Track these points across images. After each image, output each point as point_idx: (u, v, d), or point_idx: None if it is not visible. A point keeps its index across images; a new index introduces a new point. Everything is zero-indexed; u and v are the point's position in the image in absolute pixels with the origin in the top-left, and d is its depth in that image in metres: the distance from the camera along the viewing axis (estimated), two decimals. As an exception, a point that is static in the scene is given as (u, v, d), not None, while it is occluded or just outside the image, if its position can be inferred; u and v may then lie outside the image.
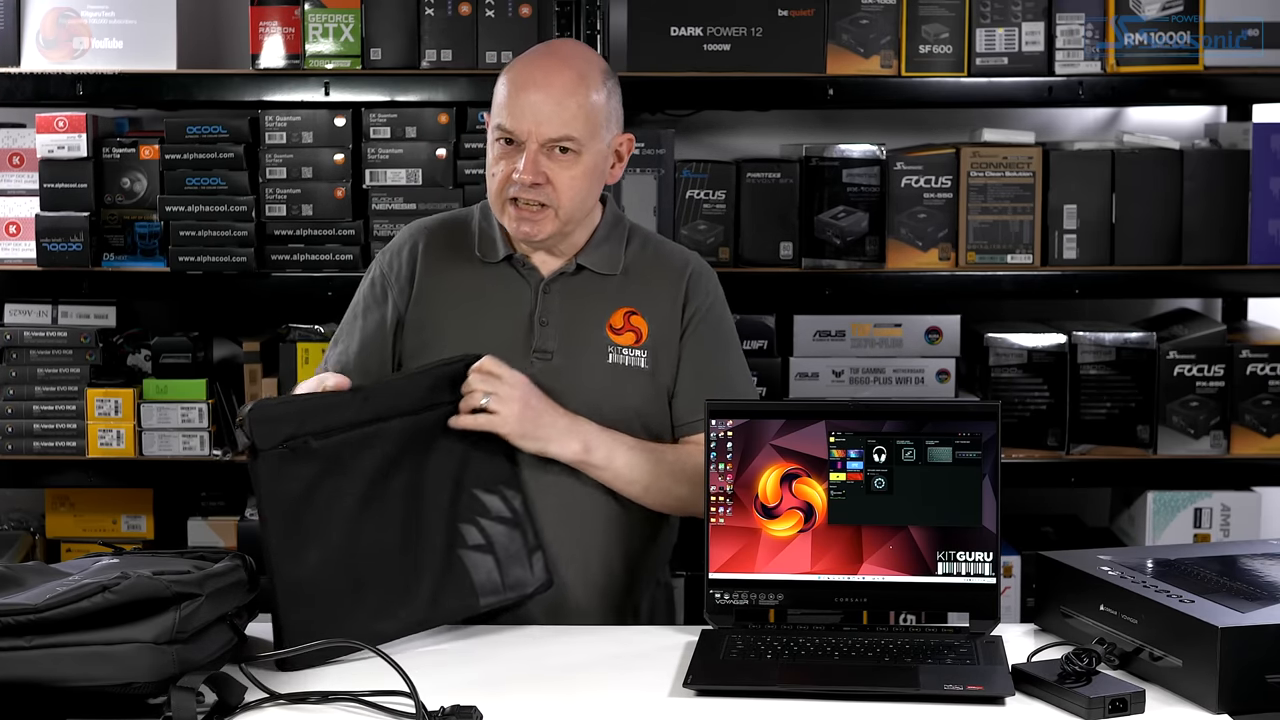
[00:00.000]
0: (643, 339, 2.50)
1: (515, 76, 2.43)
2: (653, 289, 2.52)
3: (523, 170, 2.39)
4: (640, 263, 2.54)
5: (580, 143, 2.41)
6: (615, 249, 2.53)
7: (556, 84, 2.40)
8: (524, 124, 2.40)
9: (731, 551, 2.31)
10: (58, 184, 3.34)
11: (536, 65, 2.44)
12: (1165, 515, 3.40)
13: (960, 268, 3.35)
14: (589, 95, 2.42)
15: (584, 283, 2.51)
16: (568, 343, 2.48)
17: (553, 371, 2.46)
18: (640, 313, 2.50)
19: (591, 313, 2.50)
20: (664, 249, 2.59)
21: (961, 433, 2.29)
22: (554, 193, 2.41)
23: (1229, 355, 3.35)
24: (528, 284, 2.50)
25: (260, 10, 3.30)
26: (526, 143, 2.40)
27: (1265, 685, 1.96)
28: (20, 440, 3.36)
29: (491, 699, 2.07)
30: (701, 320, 2.53)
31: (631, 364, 2.48)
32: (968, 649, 2.17)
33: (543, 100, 2.39)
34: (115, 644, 1.94)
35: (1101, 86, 3.28)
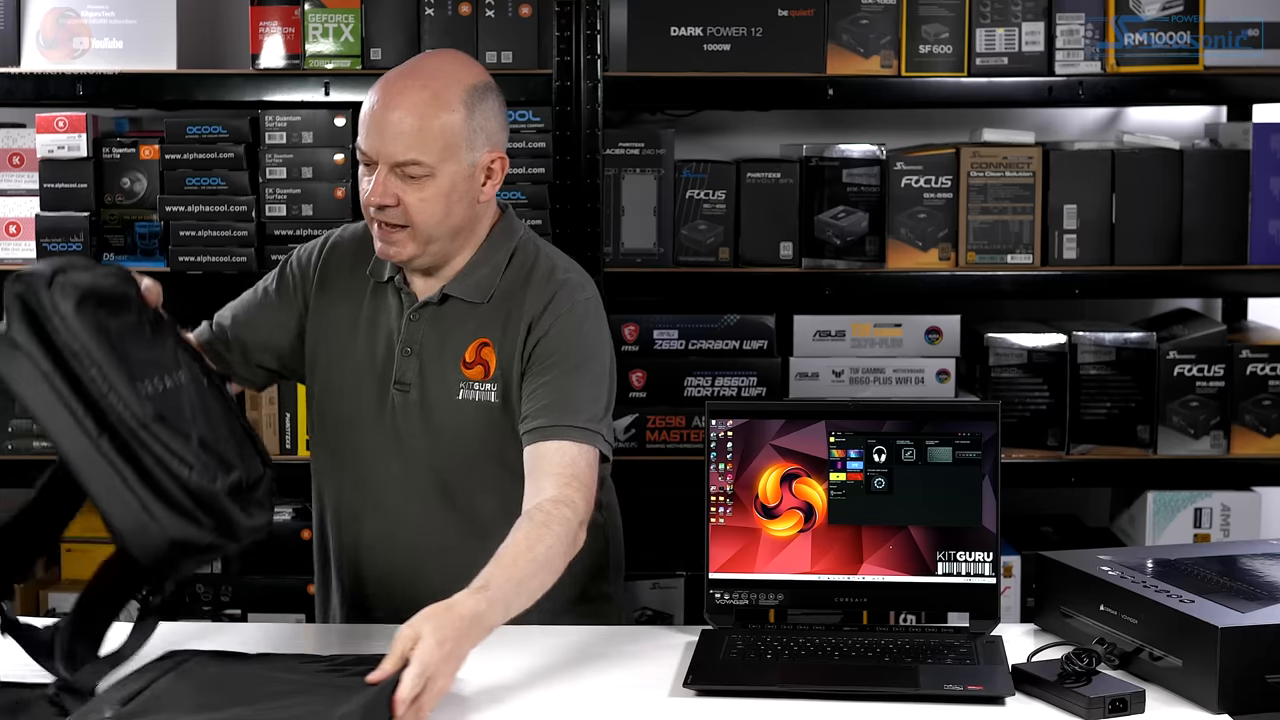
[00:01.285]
0: (491, 372, 2.40)
1: (374, 95, 2.34)
2: (511, 316, 2.41)
3: (370, 191, 2.33)
4: (511, 288, 2.43)
5: (430, 165, 2.31)
6: (489, 275, 2.43)
7: (407, 105, 2.31)
8: (373, 146, 2.32)
9: (731, 551, 2.31)
10: (58, 184, 3.34)
11: (393, 84, 2.35)
12: (1165, 515, 3.40)
13: (960, 268, 3.35)
14: (440, 116, 2.31)
15: (450, 311, 2.43)
16: (424, 376, 2.42)
17: (409, 405, 2.42)
18: (492, 344, 2.41)
19: (450, 344, 2.42)
20: (538, 271, 2.44)
21: (961, 433, 2.29)
22: (405, 212, 2.33)
23: (1229, 355, 3.35)
24: (402, 309, 2.45)
25: (260, 10, 3.30)
26: (377, 164, 2.33)
27: (1265, 685, 1.97)
28: (20, 440, 3.36)
29: (491, 699, 2.07)
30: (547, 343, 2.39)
31: (481, 399, 2.40)
32: (968, 649, 2.17)
33: (393, 122, 2.30)
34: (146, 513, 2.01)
35: (1101, 86, 3.28)
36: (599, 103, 3.22)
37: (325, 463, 2.53)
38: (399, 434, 2.43)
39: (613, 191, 3.30)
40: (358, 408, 2.46)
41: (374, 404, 2.45)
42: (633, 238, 3.31)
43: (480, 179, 2.38)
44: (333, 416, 2.50)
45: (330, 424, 2.50)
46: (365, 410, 2.45)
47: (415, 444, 2.42)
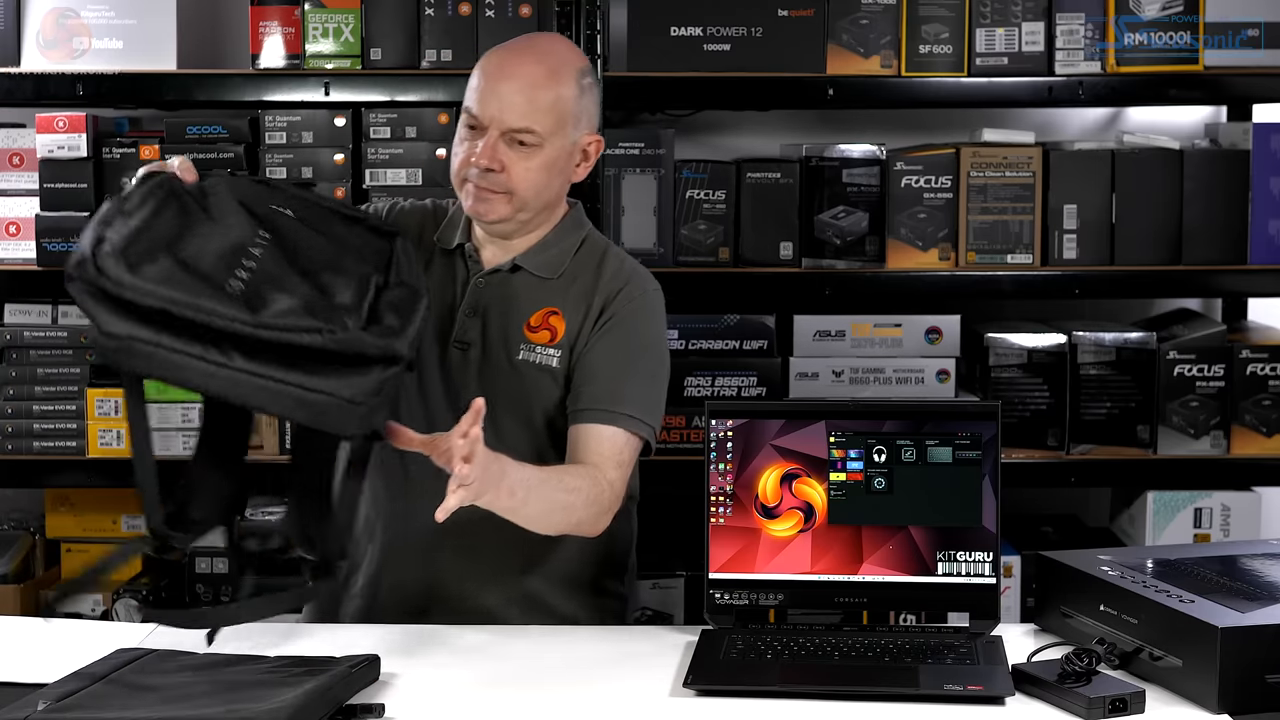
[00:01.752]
0: (558, 338, 2.47)
1: (488, 64, 2.45)
2: (582, 294, 2.49)
3: (479, 154, 2.40)
4: (579, 270, 2.52)
5: (541, 136, 2.41)
6: (560, 255, 2.52)
7: (525, 75, 2.42)
8: (488, 111, 2.41)
9: (731, 551, 2.31)
10: (58, 184, 3.34)
11: (510, 55, 2.46)
12: (1165, 515, 3.40)
13: (960, 268, 3.35)
14: (557, 89, 2.43)
15: (518, 282, 2.50)
16: (486, 337, 2.48)
17: (465, 362, 2.47)
18: (561, 312, 2.49)
19: (516, 310, 2.49)
20: (608, 260, 2.53)
21: (961, 433, 2.29)
22: (509, 180, 2.42)
23: (1229, 355, 3.35)
24: (468, 275, 2.52)
25: (260, 10, 3.30)
26: (489, 129, 2.41)
27: (1265, 685, 1.97)
28: (20, 440, 3.36)
29: (492, 699, 2.07)
30: (615, 326, 2.46)
31: (543, 362, 2.47)
32: (968, 649, 2.17)
33: (510, 90, 2.40)
34: (313, 391, 1.95)
35: (1101, 86, 3.28)
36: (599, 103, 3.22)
37: None
38: (452, 392, 2.43)
39: (613, 191, 3.30)
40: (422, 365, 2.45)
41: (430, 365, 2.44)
42: (633, 238, 3.31)
43: (577, 158, 2.49)
44: None
45: None
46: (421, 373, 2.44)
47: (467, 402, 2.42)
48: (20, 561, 3.48)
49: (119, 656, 2.12)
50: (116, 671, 2.06)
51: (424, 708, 2.04)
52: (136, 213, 2.02)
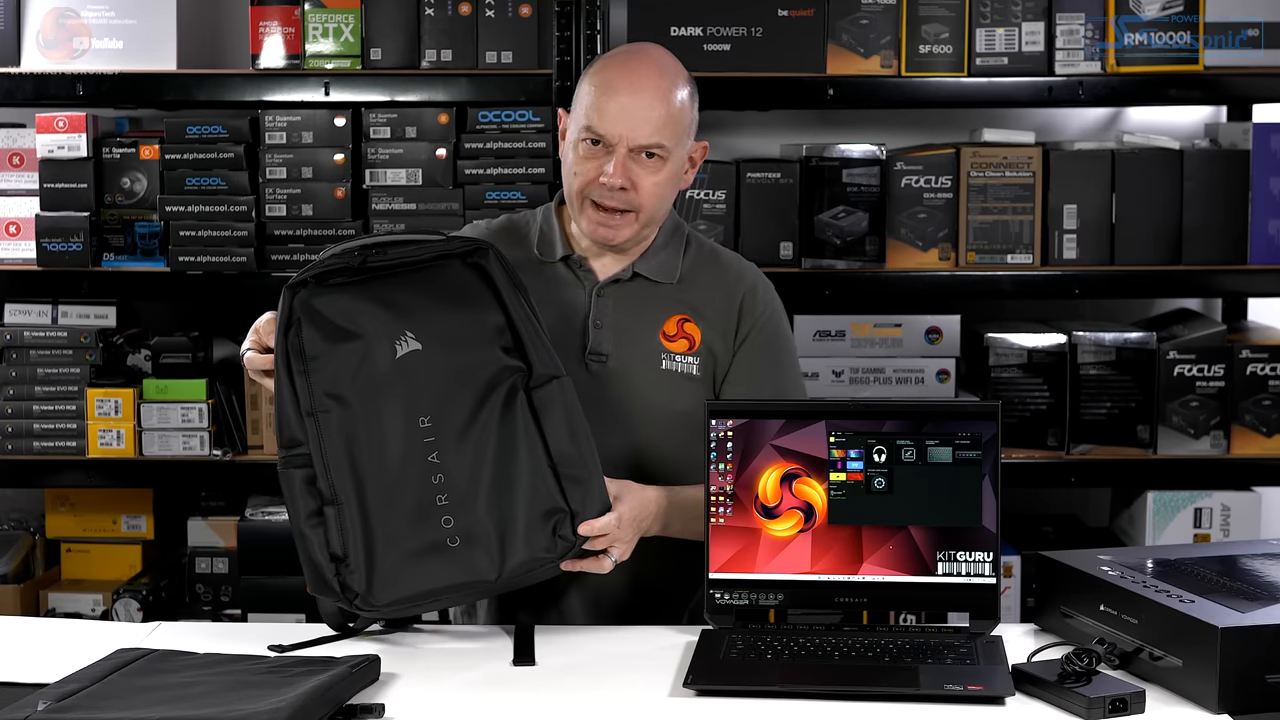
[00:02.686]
0: (695, 346, 2.49)
1: (606, 78, 2.41)
2: (708, 298, 2.51)
3: (612, 174, 2.38)
4: (697, 271, 2.53)
5: (668, 149, 2.41)
6: (673, 257, 2.52)
7: (648, 88, 2.40)
8: (615, 128, 2.38)
9: (731, 551, 2.31)
10: (58, 184, 3.34)
11: (628, 68, 2.43)
12: (1165, 515, 3.40)
13: (960, 268, 3.35)
14: (676, 100, 2.43)
15: (639, 289, 2.50)
16: (621, 347, 2.46)
17: (607, 374, 2.45)
18: (694, 320, 2.49)
19: (646, 319, 2.49)
20: (722, 258, 2.58)
21: (961, 433, 2.29)
22: (637, 197, 2.40)
23: (1229, 355, 3.35)
24: (583, 286, 2.49)
25: (260, 10, 3.30)
26: (616, 146, 2.38)
27: (1265, 685, 1.96)
28: (20, 440, 3.36)
29: (491, 699, 2.07)
30: (757, 334, 2.52)
31: (684, 370, 2.48)
32: (968, 649, 2.17)
33: (634, 105, 2.39)
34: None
35: (1101, 86, 3.28)
36: (599, 103, 3.22)
37: None
38: (596, 405, 2.40)
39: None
40: None
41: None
42: (633, 238, 3.30)
43: (686, 166, 2.50)
44: None
45: None
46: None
47: (614, 414, 2.43)
48: (20, 561, 3.48)
49: (119, 657, 2.12)
50: (116, 671, 2.06)
51: (424, 708, 2.03)
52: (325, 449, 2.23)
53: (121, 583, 3.44)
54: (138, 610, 3.34)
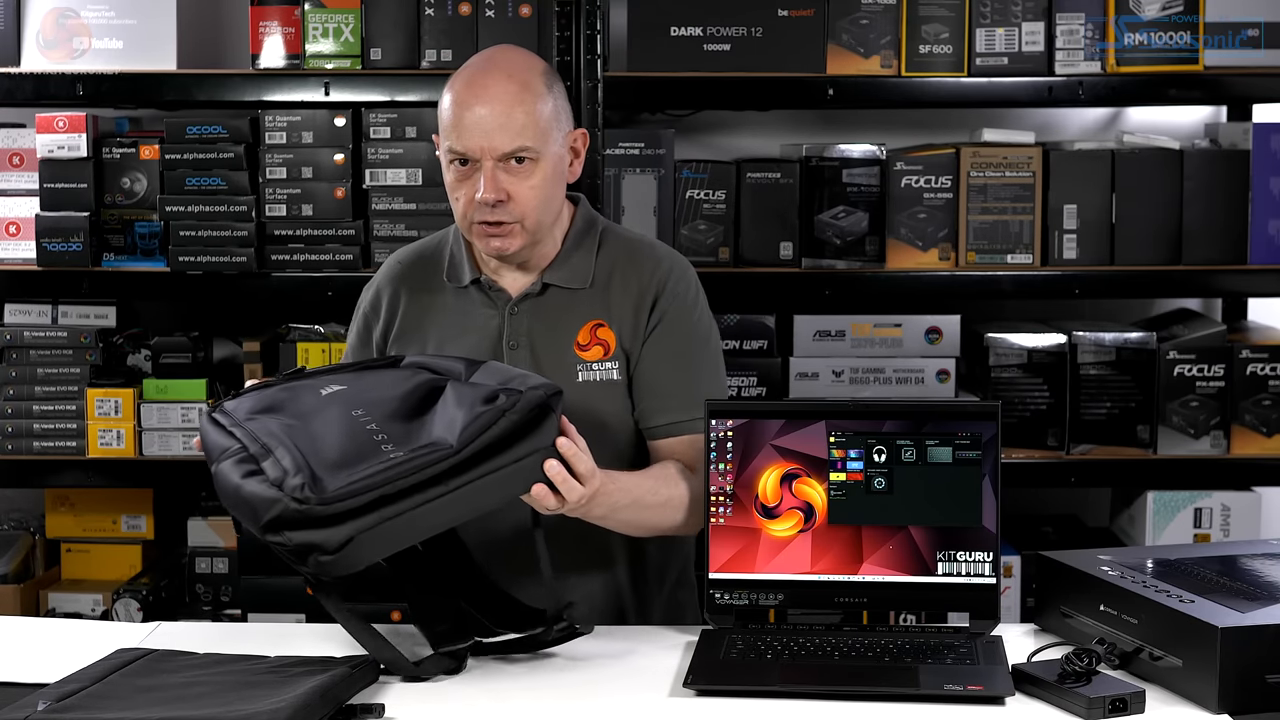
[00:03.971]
0: (611, 350, 2.44)
1: (457, 96, 2.36)
2: (621, 297, 2.46)
3: (484, 190, 2.33)
4: (612, 270, 2.47)
5: (536, 150, 2.35)
6: (584, 260, 2.48)
7: (499, 97, 2.34)
8: (475, 142, 2.33)
9: (731, 551, 2.31)
10: (58, 184, 3.34)
11: (475, 81, 2.37)
12: (1165, 515, 3.40)
13: (960, 268, 3.35)
14: (534, 102, 2.36)
15: (551, 300, 2.46)
16: (538, 366, 2.42)
17: None
18: (607, 323, 2.45)
19: (560, 332, 2.45)
20: (639, 253, 2.51)
21: (961, 433, 2.29)
22: (517, 206, 2.36)
23: (1229, 355, 3.35)
24: (496, 307, 2.46)
25: (260, 10, 3.30)
26: (481, 161, 2.34)
27: (1265, 685, 1.96)
28: (20, 440, 3.36)
29: (491, 699, 2.07)
30: (664, 326, 2.46)
31: (603, 378, 2.44)
32: (968, 649, 2.17)
33: (489, 115, 2.33)
34: (524, 458, 2.08)
35: (1101, 86, 3.28)
36: (599, 103, 3.22)
37: None
38: None
39: (613, 191, 3.30)
40: None
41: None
42: (633, 238, 3.30)
43: (569, 159, 2.45)
44: None
45: None
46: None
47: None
48: (20, 561, 3.48)
49: (119, 657, 2.12)
50: (116, 672, 2.06)
51: (424, 708, 2.03)
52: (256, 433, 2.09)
53: (121, 583, 3.45)
54: (138, 610, 3.34)
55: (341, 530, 1.97)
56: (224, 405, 2.18)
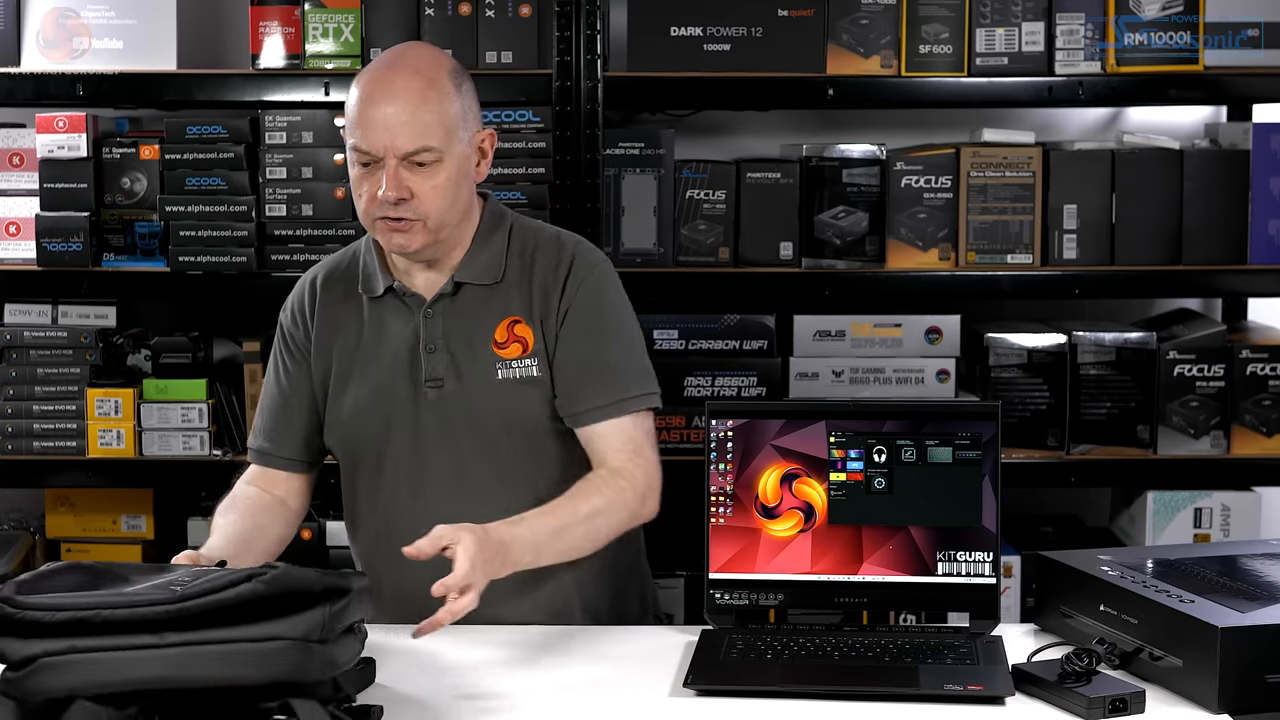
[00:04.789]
0: (529, 347, 2.42)
1: (362, 92, 2.34)
2: (533, 292, 2.44)
3: (385, 189, 2.31)
4: (522, 264, 2.46)
5: (439, 150, 2.33)
6: (494, 256, 2.46)
7: (404, 95, 2.31)
8: (379, 141, 2.31)
9: (731, 551, 2.31)
10: (58, 184, 3.34)
11: (381, 78, 2.35)
12: (1165, 515, 3.40)
13: (960, 268, 3.35)
14: (440, 101, 2.33)
15: (465, 299, 2.44)
16: (457, 367, 2.42)
17: (447, 398, 2.41)
18: (524, 320, 2.43)
19: (476, 330, 2.43)
20: (544, 246, 2.48)
21: (961, 433, 2.29)
22: (420, 204, 2.34)
23: (1229, 355, 3.35)
24: (411, 311, 2.45)
25: (260, 10, 3.30)
26: (384, 159, 2.33)
27: (1265, 685, 1.97)
28: (20, 440, 3.36)
29: (492, 698, 2.07)
30: (574, 310, 2.43)
31: (524, 375, 2.42)
32: (968, 649, 2.17)
33: (394, 113, 2.31)
34: (262, 640, 1.80)
35: (1101, 86, 3.28)
36: (599, 103, 3.22)
37: (364, 496, 2.50)
38: (444, 431, 2.42)
39: (613, 191, 3.30)
40: (391, 421, 2.44)
41: (409, 411, 2.43)
42: (632, 238, 3.31)
43: (475, 158, 2.42)
44: (363, 443, 2.46)
45: (362, 452, 2.47)
46: (400, 421, 2.44)
47: (463, 436, 2.41)
48: (20, 561, 3.48)
49: None
50: None
51: (423, 709, 2.04)
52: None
53: (121, 583, 3.44)
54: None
55: (29, 645, 1.80)
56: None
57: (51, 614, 1.80)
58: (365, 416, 2.46)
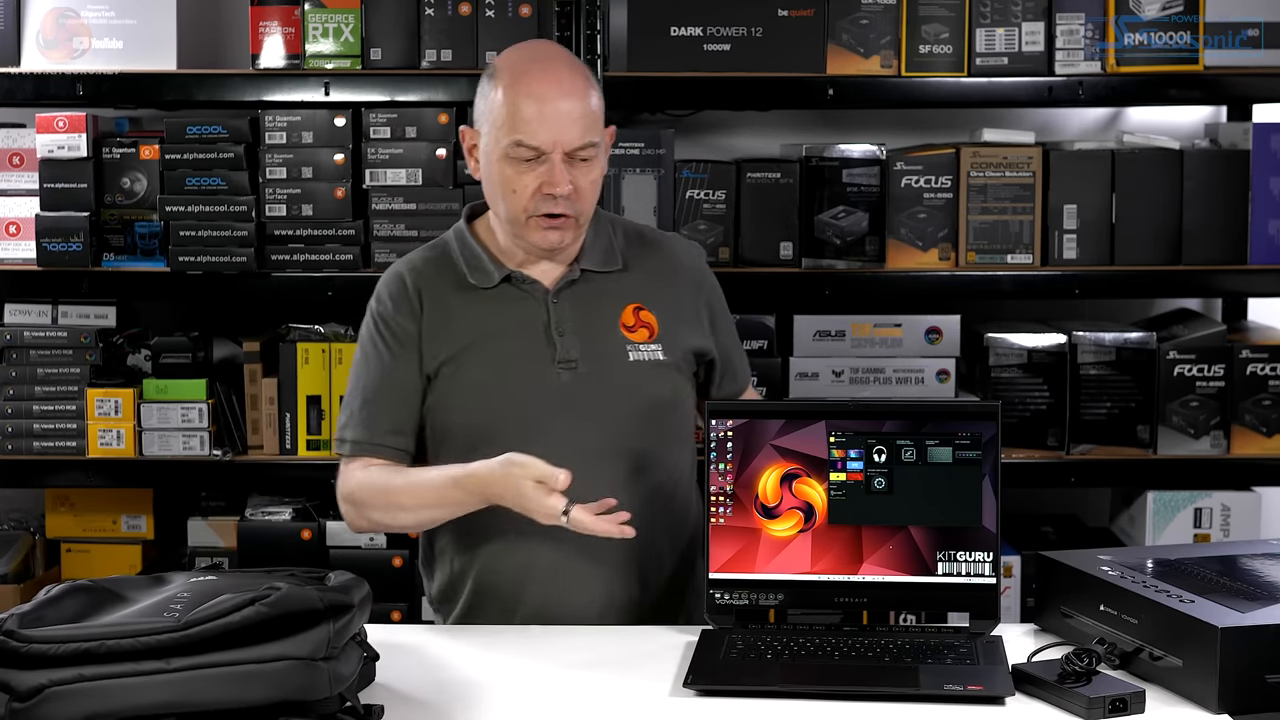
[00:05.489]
0: (655, 333, 2.49)
1: (524, 88, 2.38)
2: (656, 283, 2.52)
3: (559, 183, 2.36)
4: (635, 256, 2.54)
5: (598, 145, 2.41)
6: (609, 245, 2.53)
7: (572, 91, 2.38)
8: (548, 137, 2.36)
9: (731, 551, 2.31)
10: (58, 184, 3.34)
11: (542, 75, 2.39)
12: (1165, 515, 3.40)
13: (960, 268, 3.35)
14: (595, 97, 2.42)
15: (589, 286, 2.49)
16: (588, 349, 2.46)
17: (581, 379, 2.44)
18: (647, 306, 2.50)
19: (603, 315, 2.49)
20: (648, 237, 2.61)
21: (961, 433, 2.29)
22: (579, 200, 2.40)
23: (1229, 355, 3.35)
24: (533, 298, 2.48)
25: (260, 10, 3.30)
26: (552, 154, 2.37)
27: (1265, 685, 1.96)
28: (20, 440, 3.36)
29: (491, 699, 2.07)
30: (716, 309, 2.61)
31: (650, 359, 2.48)
32: (968, 649, 2.17)
33: (565, 109, 2.36)
34: (269, 661, 1.83)
35: (1101, 86, 3.28)
36: (599, 103, 3.22)
37: None
38: (574, 411, 2.43)
39: (613, 191, 3.30)
40: (520, 403, 2.44)
41: (539, 392, 2.44)
42: (633, 238, 3.30)
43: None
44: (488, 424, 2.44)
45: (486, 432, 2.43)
46: (530, 402, 2.44)
47: (593, 416, 2.43)
48: (20, 561, 3.48)
49: None
50: None
51: (424, 708, 2.04)
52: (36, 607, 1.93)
53: (121, 583, 3.44)
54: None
55: (35, 676, 1.80)
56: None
57: (56, 646, 1.82)
58: (493, 398, 2.45)
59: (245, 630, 1.84)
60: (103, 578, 2.04)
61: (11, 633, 1.82)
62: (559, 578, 2.42)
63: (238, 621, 1.84)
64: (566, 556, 2.41)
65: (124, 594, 1.98)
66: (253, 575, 2.04)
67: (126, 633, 1.83)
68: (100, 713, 1.80)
